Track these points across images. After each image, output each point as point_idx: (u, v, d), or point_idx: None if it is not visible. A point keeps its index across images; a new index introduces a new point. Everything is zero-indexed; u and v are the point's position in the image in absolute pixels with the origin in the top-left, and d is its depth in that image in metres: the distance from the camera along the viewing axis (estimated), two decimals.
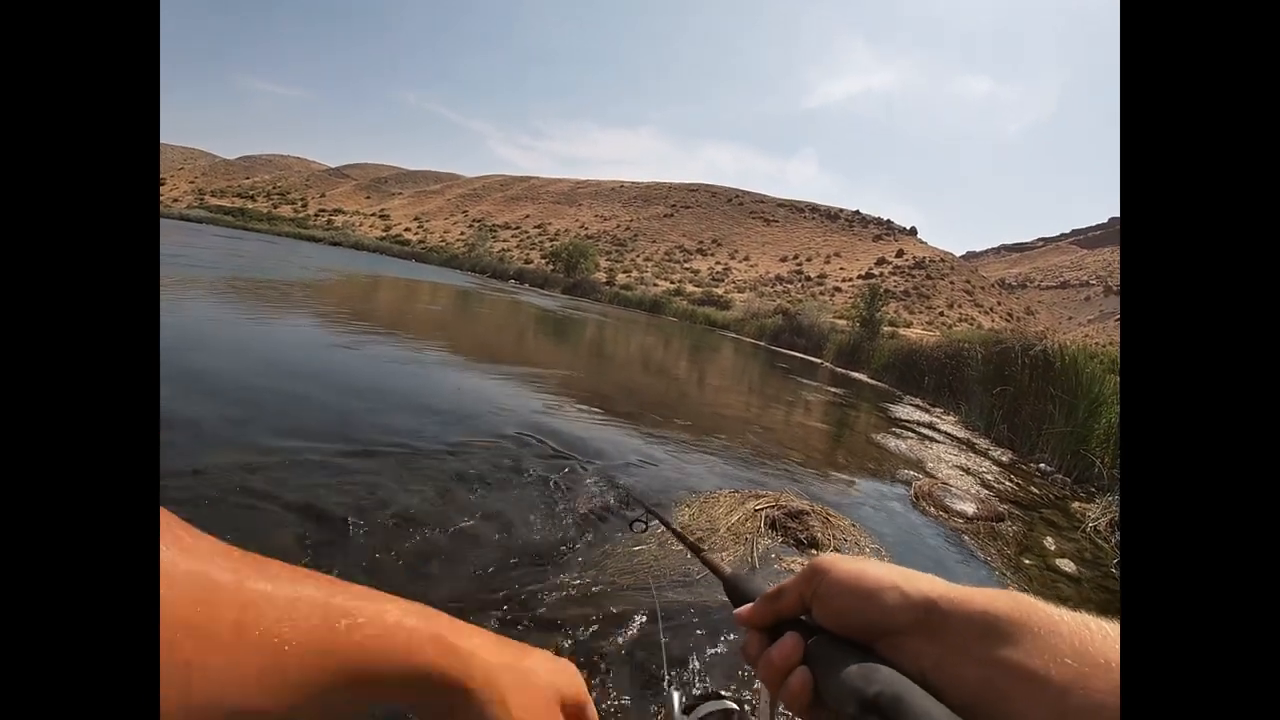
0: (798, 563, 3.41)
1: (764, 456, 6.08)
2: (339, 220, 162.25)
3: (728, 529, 3.55)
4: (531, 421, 5.56)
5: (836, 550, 3.67)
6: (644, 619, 2.60)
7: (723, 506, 3.84)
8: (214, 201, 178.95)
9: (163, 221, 76.26)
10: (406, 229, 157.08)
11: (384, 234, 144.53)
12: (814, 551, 3.61)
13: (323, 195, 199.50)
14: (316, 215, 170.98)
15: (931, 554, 4.22)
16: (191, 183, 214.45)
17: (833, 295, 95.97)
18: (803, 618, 0.53)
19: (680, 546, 3.72)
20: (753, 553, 3.39)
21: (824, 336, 31.78)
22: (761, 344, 33.41)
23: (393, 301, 17.71)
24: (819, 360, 28.33)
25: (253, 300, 11.74)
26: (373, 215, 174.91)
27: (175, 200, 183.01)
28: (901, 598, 0.46)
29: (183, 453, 3.57)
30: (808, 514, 3.92)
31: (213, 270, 15.75)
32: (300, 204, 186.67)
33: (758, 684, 2.81)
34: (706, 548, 0.86)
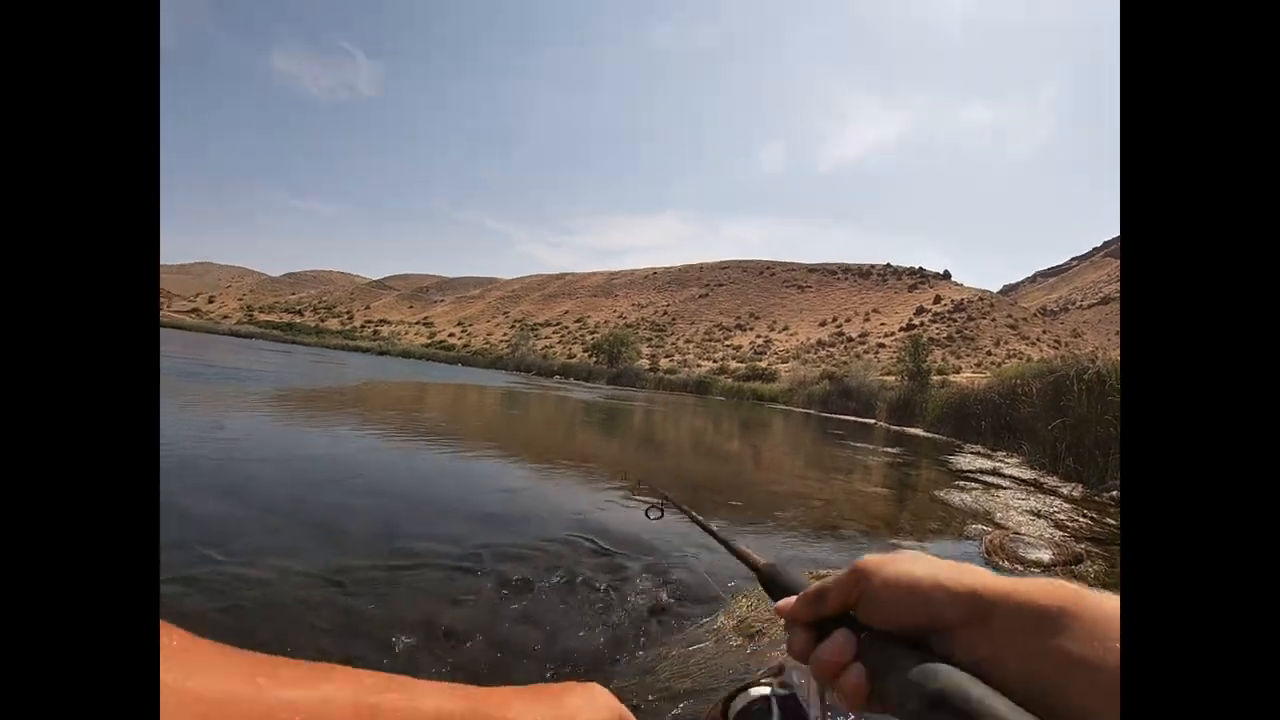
0: None
1: (825, 531, 5.86)
2: (385, 330, 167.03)
3: None
4: (581, 520, 5.44)
5: None
6: None
7: None
8: (263, 317, 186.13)
9: (214, 338, 78.96)
10: (450, 334, 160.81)
11: (429, 341, 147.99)
12: None
13: (367, 307, 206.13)
14: (363, 326, 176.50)
15: None
16: (240, 300, 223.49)
17: (876, 352, 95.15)
18: (850, 613, 0.53)
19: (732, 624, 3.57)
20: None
21: (874, 395, 31.35)
22: (812, 412, 33.00)
23: (441, 405, 17.89)
24: (872, 421, 27.87)
25: (305, 410, 11.94)
26: (417, 323, 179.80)
27: (225, 317, 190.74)
28: (948, 595, 0.47)
29: (221, 561, 3.55)
30: None
31: (263, 383, 16.12)
32: (346, 316, 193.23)
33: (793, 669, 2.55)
34: (744, 547, 0.80)
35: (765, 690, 0.64)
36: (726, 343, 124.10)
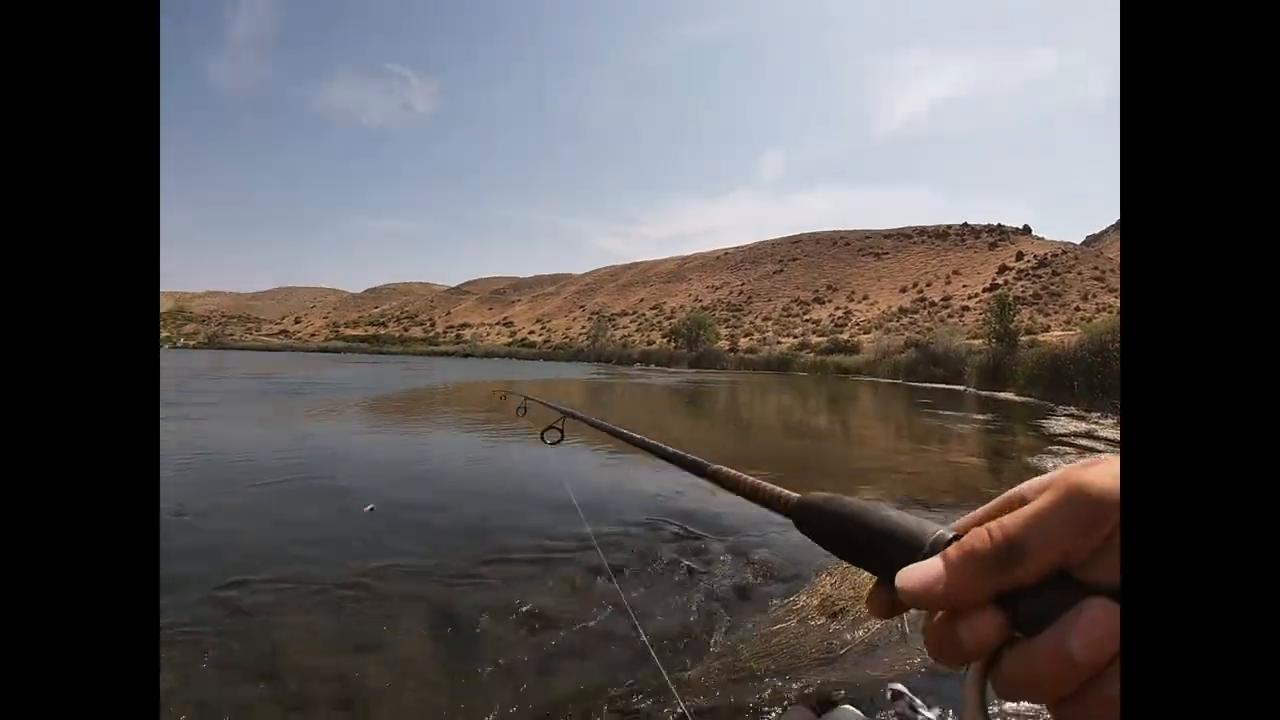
0: None
1: (914, 505, 5.76)
2: (467, 334, 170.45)
3: None
4: (665, 504, 5.49)
5: None
6: (784, 708, 2.45)
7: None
8: (349, 332, 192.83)
9: (302, 356, 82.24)
10: (530, 332, 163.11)
11: (510, 340, 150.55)
12: None
13: (448, 313, 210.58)
14: (445, 332, 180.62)
15: None
16: (325, 318, 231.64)
17: (961, 316, 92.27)
18: (1065, 572, 0.32)
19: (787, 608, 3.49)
20: (903, 619, 3.15)
21: (961, 361, 30.48)
22: (899, 381, 32.31)
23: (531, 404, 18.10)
24: (961, 387, 27.12)
25: (393, 415, 12.32)
26: (497, 324, 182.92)
27: (312, 335, 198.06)
28: None
29: (326, 565, 3.82)
30: None
31: (353, 393, 16.70)
32: (429, 324, 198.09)
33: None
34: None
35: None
36: (805, 317, 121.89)
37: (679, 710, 2.43)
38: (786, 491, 0.51)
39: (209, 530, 4.59)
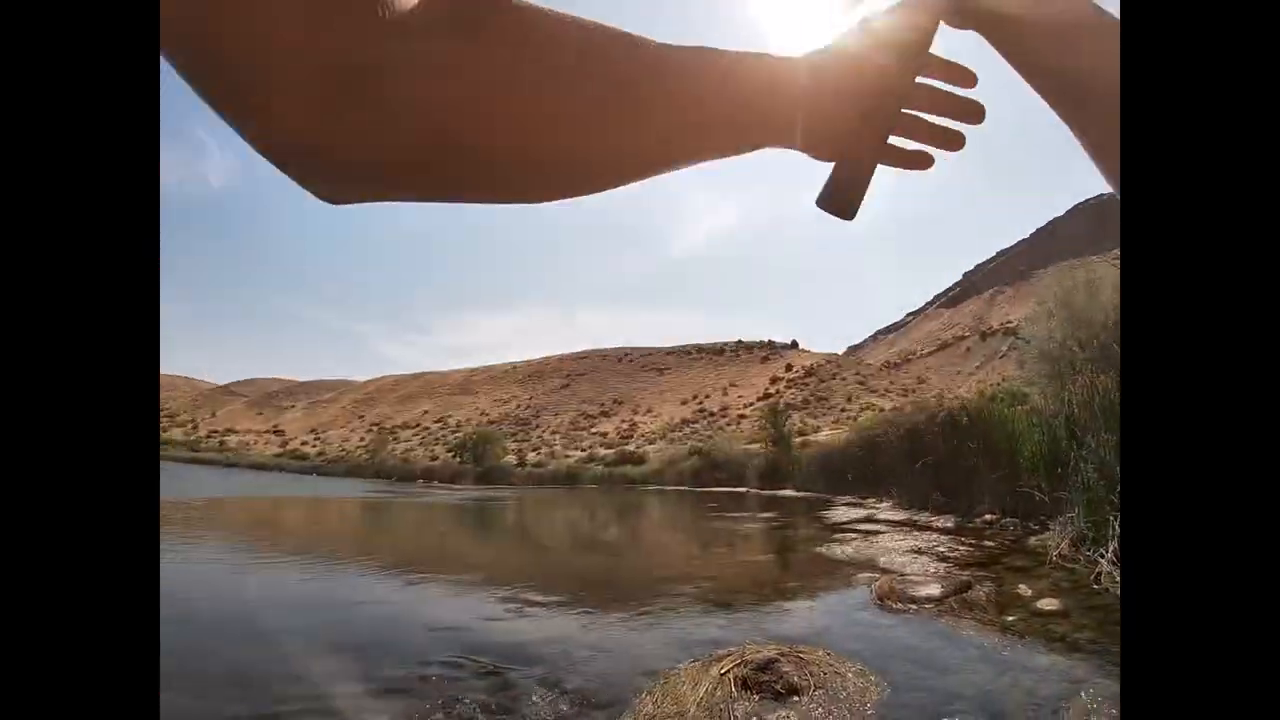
0: (782, 718, 3.01)
1: (716, 609, 5.69)
2: (232, 440, 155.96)
3: (698, 706, 3.13)
4: (461, 637, 5.02)
5: (821, 688, 3.29)
6: None
7: (686, 682, 3.42)
8: None
9: None
10: (304, 442, 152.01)
11: (281, 450, 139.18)
12: (796, 699, 3.22)
13: (213, 414, 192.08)
14: (208, 437, 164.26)
15: (912, 654, 3.94)
16: None
17: (739, 423, 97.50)
18: None
19: None
20: None
21: (742, 465, 31.88)
22: (685, 488, 33.11)
23: (297, 524, 16.64)
24: (744, 489, 28.23)
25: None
26: (267, 432, 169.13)
27: None
28: None
29: None
30: (777, 660, 3.55)
31: None
32: (190, 426, 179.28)
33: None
34: None
35: None
36: (592, 430, 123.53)
37: None
38: None
39: None
